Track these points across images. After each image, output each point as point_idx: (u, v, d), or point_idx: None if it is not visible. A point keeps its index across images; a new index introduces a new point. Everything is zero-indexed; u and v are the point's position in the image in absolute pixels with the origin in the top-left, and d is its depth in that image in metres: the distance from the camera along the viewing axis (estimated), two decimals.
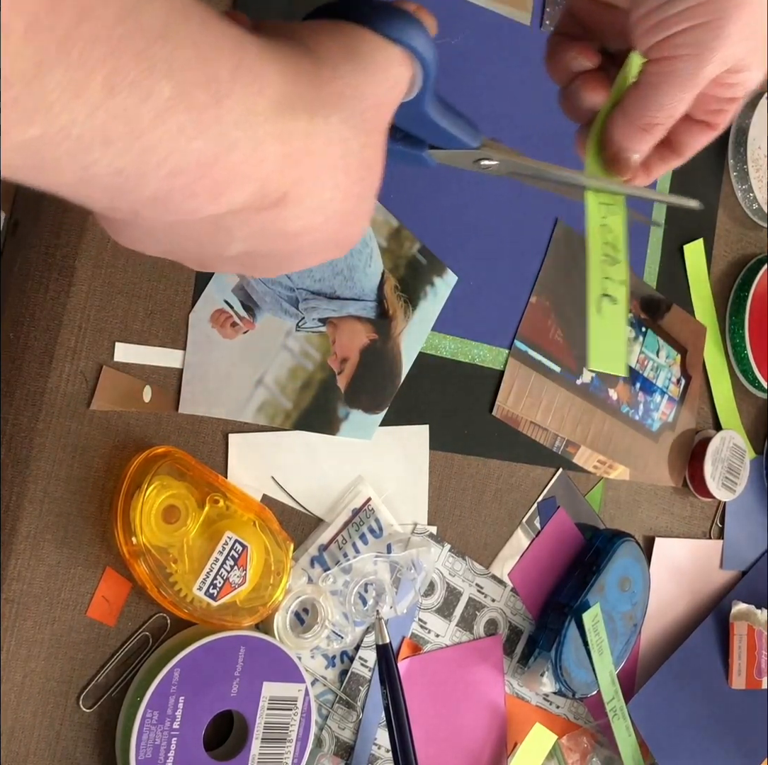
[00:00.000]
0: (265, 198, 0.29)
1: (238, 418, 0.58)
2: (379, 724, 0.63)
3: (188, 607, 0.53)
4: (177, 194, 0.27)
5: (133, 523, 0.52)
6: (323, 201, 0.31)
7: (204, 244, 0.32)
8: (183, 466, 0.54)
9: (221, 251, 0.32)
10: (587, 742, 0.72)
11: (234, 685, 0.55)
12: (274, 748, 0.57)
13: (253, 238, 0.31)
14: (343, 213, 0.32)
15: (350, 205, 0.32)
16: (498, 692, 0.68)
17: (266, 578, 0.56)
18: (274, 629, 0.58)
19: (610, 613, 0.69)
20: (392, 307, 0.63)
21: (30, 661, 0.53)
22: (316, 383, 0.60)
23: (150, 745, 0.53)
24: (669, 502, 0.77)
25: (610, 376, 0.72)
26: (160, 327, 0.56)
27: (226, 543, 0.54)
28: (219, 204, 0.28)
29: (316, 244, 0.33)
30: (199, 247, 0.32)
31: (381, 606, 0.61)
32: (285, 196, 0.29)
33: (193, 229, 0.30)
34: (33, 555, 0.53)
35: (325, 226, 0.32)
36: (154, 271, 0.56)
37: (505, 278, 0.67)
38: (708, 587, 0.79)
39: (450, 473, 0.66)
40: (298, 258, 0.34)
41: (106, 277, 0.54)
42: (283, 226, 0.30)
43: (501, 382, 0.67)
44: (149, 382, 0.55)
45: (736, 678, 0.77)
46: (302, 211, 0.30)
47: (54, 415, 0.53)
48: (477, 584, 0.67)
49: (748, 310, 0.78)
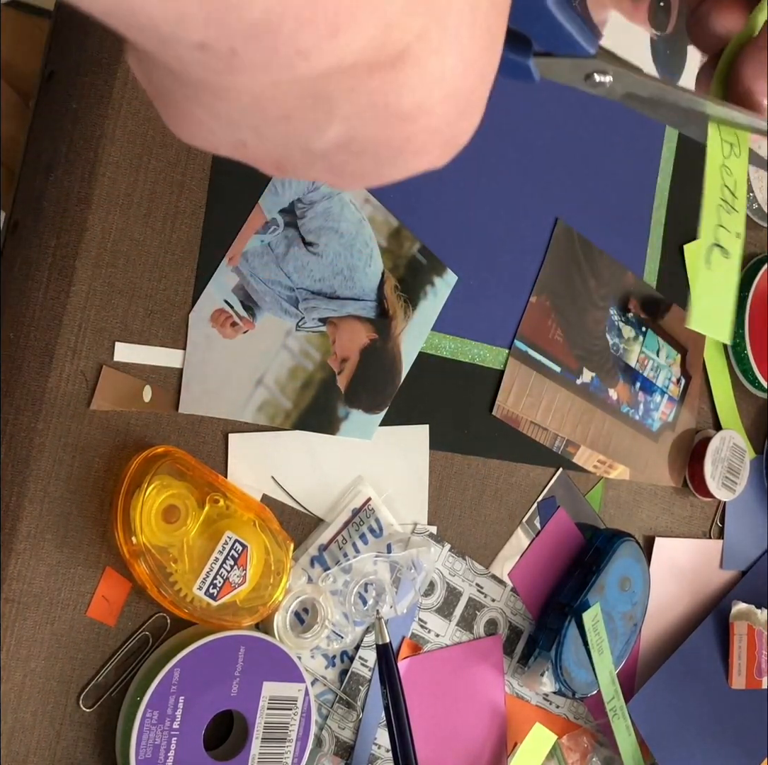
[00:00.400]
0: (384, 50, 0.24)
1: (238, 418, 0.58)
2: (379, 724, 0.63)
3: (188, 607, 0.53)
4: (291, 19, 0.22)
5: (133, 522, 0.52)
6: (445, 68, 0.26)
7: (295, 127, 0.26)
8: (183, 465, 0.54)
9: (313, 139, 0.27)
10: (587, 742, 0.72)
11: (234, 685, 0.55)
12: (274, 747, 0.57)
13: (356, 116, 0.26)
14: (461, 94, 0.27)
15: (469, 83, 0.27)
16: (498, 692, 0.68)
17: (266, 578, 0.56)
18: (274, 629, 0.58)
19: (610, 613, 0.69)
20: (392, 306, 0.63)
21: (30, 660, 0.53)
22: (316, 383, 0.60)
23: (150, 744, 0.53)
24: (669, 502, 0.77)
25: (609, 376, 0.72)
26: (160, 327, 0.56)
27: (226, 543, 0.54)
28: (336, 44, 0.23)
29: (425, 136, 0.28)
30: (287, 133, 0.27)
31: (381, 606, 0.61)
32: (404, 53, 0.25)
33: (286, 100, 0.25)
34: (33, 555, 0.53)
35: (441, 107, 0.27)
36: (154, 271, 0.56)
37: (505, 278, 0.67)
38: (708, 587, 0.79)
39: (450, 473, 0.66)
40: (401, 158, 0.29)
41: (106, 277, 0.54)
42: (396, 100, 0.26)
43: (501, 381, 0.67)
44: (149, 382, 0.55)
45: (736, 678, 0.77)
46: (420, 78, 0.26)
47: (54, 415, 0.53)
48: (477, 584, 0.67)
49: (748, 310, 0.78)
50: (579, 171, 0.70)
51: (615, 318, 0.72)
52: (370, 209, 0.61)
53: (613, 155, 0.72)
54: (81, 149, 0.54)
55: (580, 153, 0.70)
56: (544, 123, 0.68)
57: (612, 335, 0.72)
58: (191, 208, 0.57)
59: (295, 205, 0.59)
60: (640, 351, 0.74)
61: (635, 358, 0.74)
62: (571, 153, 0.70)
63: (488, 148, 0.66)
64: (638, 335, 0.74)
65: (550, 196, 0.69)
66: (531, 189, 0.69)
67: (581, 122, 0.70)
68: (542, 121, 0.68)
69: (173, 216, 0.56)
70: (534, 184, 0.68)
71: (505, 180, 0.67)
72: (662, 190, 0.74)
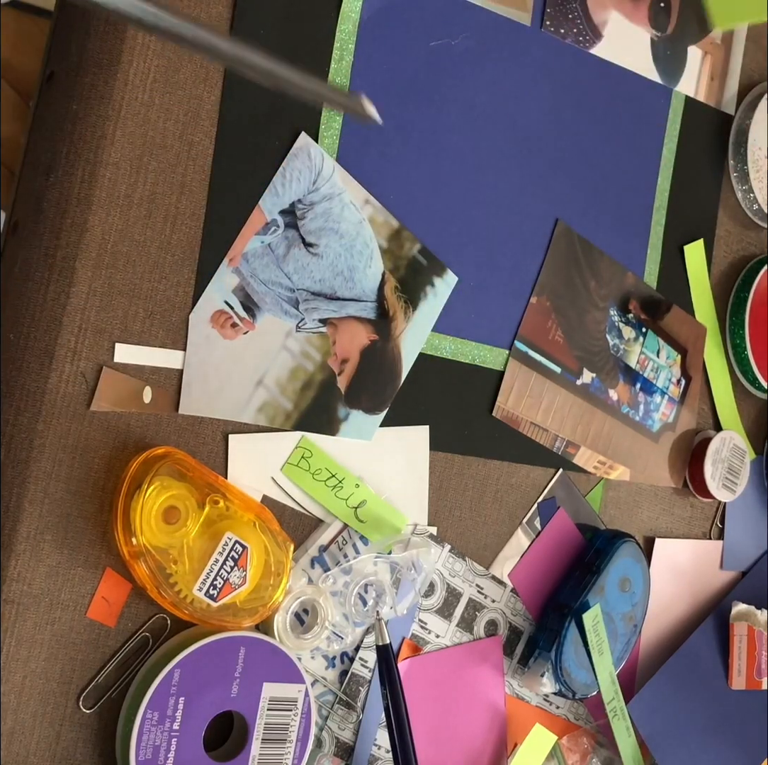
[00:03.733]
0: None
1: (238, 419, 0.58)
2: (379, 724, 0.63)
3: (188, 608, 0.53)
4: None
5: (133, 523, 0.52)
6: None
7: None
8: (183, 466, 0.54)
9: None
10: (587, 743, 0.72)
11: (234, 686, 0.55)
12: (274, 748, 0.57)
13: None
14: None
15: None
16: (498, 693, 0.68)
17: (266, 579, 0.56)
18: (274, 630, 0.58)
19: (610, 614, 0.69)
20: (392, 307, 0.63)
21: (30, 661, 0.53)
22: (316, 384, 0.60)
23: (150, 745, 0.53)
24: (669, 503, 0.77)
25: (609, 376, 0.72)
26: (160, 328, 0.56)
27: (226, 544, 0.54)
28: None
29: None
30: None
31: (381, 607, 0.61)
32: None
33: None
34: (33, 556, 0.53)
35: None
36: (154, 272, 0.56)
37: (506, 279, 0.67)
38: (708, 588, 0.79)
39: (450, 474, 0.66)
40: None
41: (106, 278, 0.54)
42: None
43: (501, 382, 0.67)
44: (149, 383, 0.55)
45: (736, 678, 0.77)
46: None
47: (54, 416, 0.53)
48: (477, 585, 0.67)
49: (749, 310, 0.78)
50: (579, 172, 0.70)
51: (615, 319, 0.72)
52: (370, 210, 0.61)
53: (614, 156, 0.72)
54: (81, 150, 0.54)
55: (580, 154, 0.70)
56: (545, 125, 0.68)
57: (612, 336, 0.72)
58: (191, 209, 0.57)
59: (295, 205, 0.59)
60: (641, 352, 0.74)
61: (635, 358, 0.74)
62: (572, 154, 0.70)
63: (489, 150, 0.66)
64: (638, 336, 0.74)
65: (551, 197, 0.69)
66: (531, 190, 0.69)
67: (582, 124, 0.70)
68: (543, 123, 0.68)
69: (173, 217, 0.56)
70: (534, 186, 0.68)
71: (506, 181, 0.67)
72: (662, 190, 0.74)
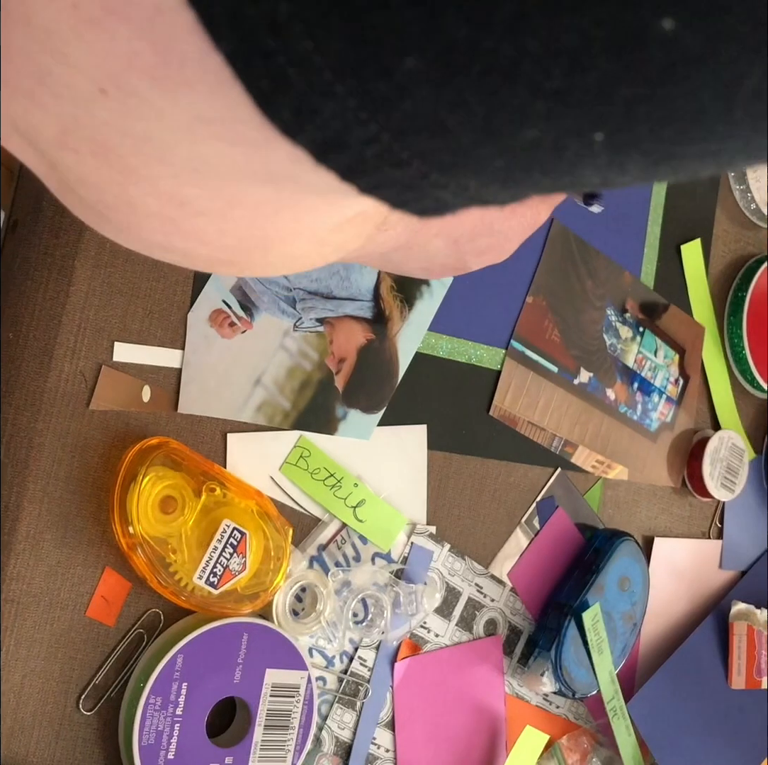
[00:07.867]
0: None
1: (236, 418, 0.58)
2: (379, 723, 0.63)
3: (189, 597, 0.53)
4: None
5: (129, 514, 0.51)
6: None
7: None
8: (178, 456, 0.54)
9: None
10: (587, 742, 0.72)
11: (237, 672, 0.55)
12: (277, 734, 0.56)
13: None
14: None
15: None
16: (498, 692, 0.68)
17: (266, 564, 0.56)
18: (272, 613, 0.58)
19: (609, 613, 0.69)
20: (389, 307, 0.63)
21: (29, 661, 0.53)
22: (314, 383, 0.60)
23: (153, 731, 0.53)
24: (668, 502, 0.77)
25: (607, 376, 0.72)
26: (159, 327, 0.56)
27: (224, 531, 0.54)
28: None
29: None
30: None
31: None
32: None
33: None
34: (32, 555, 0.53)
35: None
36: (153, 271, 0.56)
37: (502, 278, 0.67)
38: (707, 587, 0.79)
39: (448, 473, 0.66)
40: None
41: (106, 277, 0.54)
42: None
43: (498, 382, 0.67)
44: (148, 382, 0.56)
45: (735, 678, 0.77)
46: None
47: (53, 415, 0.53)
48: (476, 584, 0.67)
49: (747, 310, 0.78)
50: None
51: (612, 318, 0.72)
52: None
53: None
54: None
55: None
56: None
57: (609, 335, 0.72)
58: None
59: None
60: (638, 351, 0.74)
61: (633, 358, 0.74)
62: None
63: None
64: (636, 335, 0.74)
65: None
66: None
67: None
68: None
69: None
70: None
71: None
72: (659, 190, 0.75)
